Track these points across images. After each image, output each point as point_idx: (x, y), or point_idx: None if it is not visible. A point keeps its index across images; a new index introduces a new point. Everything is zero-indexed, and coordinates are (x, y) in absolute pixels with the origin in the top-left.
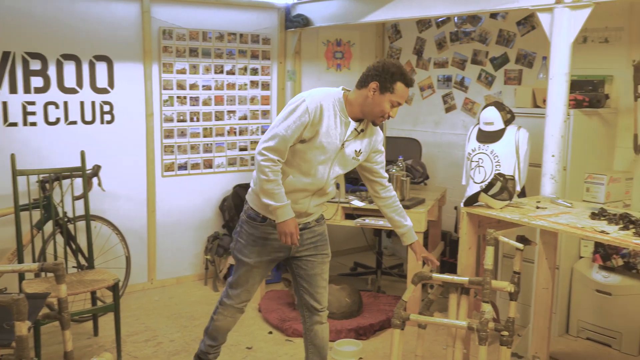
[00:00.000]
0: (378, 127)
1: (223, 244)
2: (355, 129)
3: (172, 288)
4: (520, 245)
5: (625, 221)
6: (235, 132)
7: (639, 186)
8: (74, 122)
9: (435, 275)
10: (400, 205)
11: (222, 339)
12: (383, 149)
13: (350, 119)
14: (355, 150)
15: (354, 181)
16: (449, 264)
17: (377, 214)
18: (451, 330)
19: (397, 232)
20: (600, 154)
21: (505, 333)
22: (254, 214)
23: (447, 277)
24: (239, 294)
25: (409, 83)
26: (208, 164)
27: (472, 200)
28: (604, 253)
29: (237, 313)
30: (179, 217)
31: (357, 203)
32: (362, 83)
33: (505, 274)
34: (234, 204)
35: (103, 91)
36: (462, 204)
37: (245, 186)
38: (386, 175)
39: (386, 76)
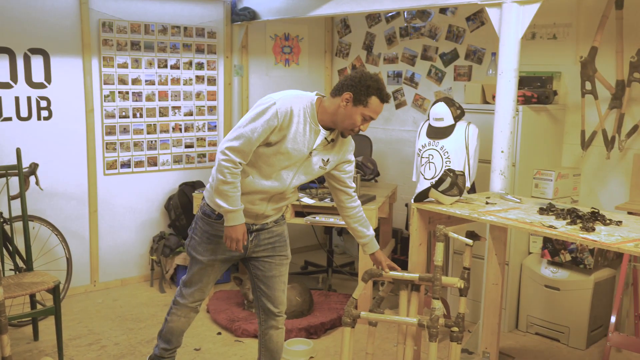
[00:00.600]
0: (350, 138)
1: (169, 244)
2: (325, 138)
3: (116, 290)
4: (469, 241)
5: (573, 216)
6: (180, 129)
7: (586, 182)
8: (9, 119)
9: (386, 272)
10: (364, 215)
11: (176, 341)
12: (353, 158)
13: (320, 127)
14: (323, 160)
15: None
16: (400, 262)
17: (327, 211)
18: (402, 328)
19: (359, 242)
20: (548, 150)
21: (456, 329)
22: (210, 210)
23: (397, 274)
24: (192, 293)
25: (384, 99)
26: (152, 162)
27: (422, 196)
28: (553, 249)
29: (191, 313)
30: (122, 217)
31: (307, 200)
32: (337, 92)
33: (456, 270)
34: (180, 202)
35: (39, 86)
36: (412, 200)
37: (192, 184)
38: (353, 185)
39: (361, 88)
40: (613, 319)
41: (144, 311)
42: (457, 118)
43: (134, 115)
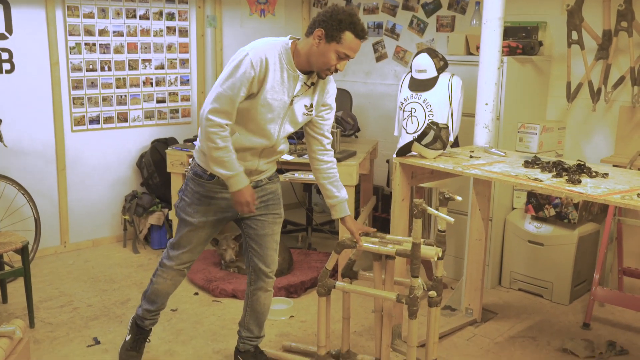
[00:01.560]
0: (331, 78)
1: (142, 203)
2: (305, 83)
3: (87, 251)
4: (450, 220)
5: (558, 169)
6: (151, 83)
7: (572, 136)
8: None
9: (359, 245)
10: (337, 176)
11: (161, 303)
12: (334, 104)
13: (298, 72)
14: (306, 105)
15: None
16: (381, 219)
17: (306, 168)
18: (377, 299)
19: (328, 202)
20: (533, 103)
21: (434, 293)
22: (201, 170)
23: (372, 247)
24: (180, 256)
25: (359, 34)
26: (123, 118)
27: (404, 150)
28: (537, 203)
29: (178, 276)
30: (92, 175)
31: (285, 157)
32: (309, 30)
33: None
34: (152, 160)
35: (0, 37)
36: (394, 155)
37: (165, 141)
38: (330, 137)
39: (333, 23)
40: (597, 274)
41: (118, 272)
42: (440, 70)
43: (102, 69)
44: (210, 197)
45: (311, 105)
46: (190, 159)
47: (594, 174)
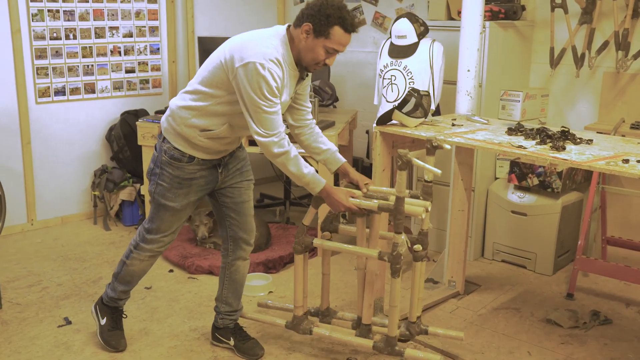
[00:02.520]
0: None
1: (112, 177)
2: (303, 78)
3: (56, 229)
4: (437, 172)
5: (542, 136)
6: (119, 52)
7: (555, 103)
8: None
9: (364, 191)
10: (320, 132)
11: (135, 282)
12: (310, 75)
13: (297, 71)
14: (292, 96)
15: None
16: None
17: None
18: (361, 257)
19: (319, 160)
20: (516, 69)
21: (419, 247)
22: (179, 154)
23: (354, 201)
24: (161, 239)
25: (349, 29)
26: (90, 89)
27: (385, 119)
28: (520, 173)
29: (155, 257)
30: (59, 150)
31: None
32: (297, 23)
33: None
34: (122, 133)
35: None
36: (374, 124)
37: (135, 113)
38: (309, 105)
39: (321, 18)
40: (580, 243)
41: (88, 250)
42: (420, 35)
43: (67, 37)
44: (191, 179)
45: (296, 91)
46: (161, 140)
47: (578, 140)
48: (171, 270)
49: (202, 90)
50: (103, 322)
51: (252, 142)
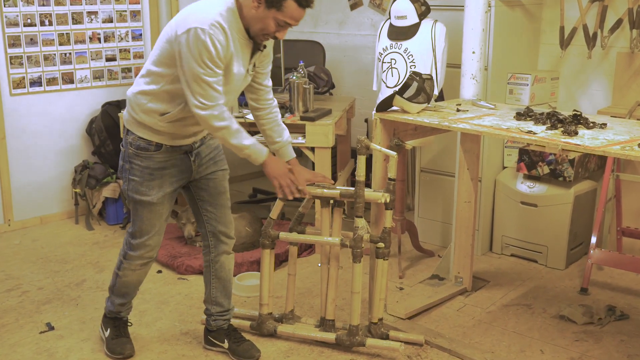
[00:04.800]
0: None
1: (94, 173)
2: (259, 50)
3: (35, 229)
4: (393, 154)
5: (553, 120)
6: (99, 39)
7: (565, 86)
8: None
9: (305, 191)
10: (279, 119)
11: (133, 293)
12: (271, 51)
13: (250, 39)
14: (250, 67)
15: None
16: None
17: None
18: (324, 248)
19: (270, 148)
20: (524, 51)
21: (381, 245)
22: (145, 143)
23: (316, 190)
24: (146, 242)
25: (302, 3)
26: (68, 79)
27: (385, 105)
28: (529, 161)
29: (147, 263)
30: (37, 145)
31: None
32: None
33: (424, 190)
34: (104, 125)
35: None
36: (374, 110)
37: (117, 104)
38: (270, 84)
39: None
40: (594, 235)
41: (70, 251)
42: (422, 15)
43: (42, 23)
44: (162, 168)
45: (254, 65)
46: (125, 134)
47: (591, 124)
48: (160, 271)
49: (153, 71)
50: (107, 334)
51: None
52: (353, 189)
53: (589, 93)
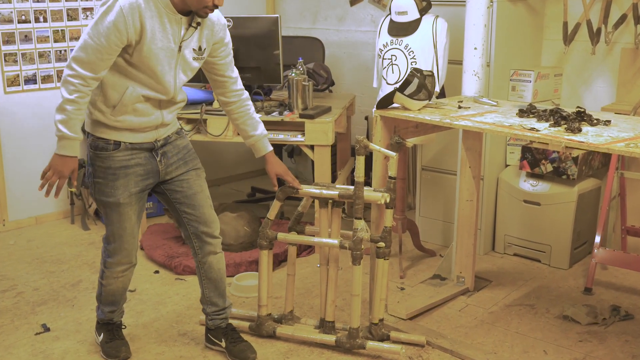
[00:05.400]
0: (218, 12)
1: None
2: (191, 26)
3: (30, 229)
4: (392, 154)
5: (556, 117)
6: None
7: (569, 82)
8: None
9: (303, 189)
10: (252, 111)
11: (122, 299)
12: (228, 38)
13: (179, 15)
14: (194, 49)
15: (246, 89)
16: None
17: (275, 127)
18: (323, 249)
19: (246, 143)
20: (526, 47)
21: (382, 244)
22: (103, 143)
23: (315, 191)
24: (119, 248)
25: None
26: None
27: (386, 102)
28: (532, 159)
29: (127, 269)
30: (31, 143)
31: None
32: None
33: (425, 189)
34: None
35: None
36: (374, 107)
37: None
38: (234, 74)
39: None
40: (598, 234)
41: (66, 251)
42: (422, 11)
43: (37, 20)
44: (125, 167)
45: (200, 48)
46: (86, 136)
47: (595, 121)
48: (157, 272)
49: None
50: (100, 338)
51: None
52: (352, 187)
53: (592, 89)
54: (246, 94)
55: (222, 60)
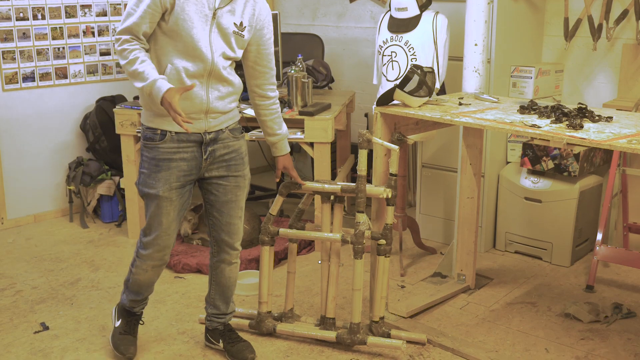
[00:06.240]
0: (265, 1)
1: (89, 170)
2: None
3: (29, 227)
4: (394, 147)
5: (558, 113)
6: (93, 33)
7: (570, 79)
8: None
9: (305, 184)
10: (280, 111)
11: (146, 292)
12: (271, 26)
13: None
14: (235, 24)
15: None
16: None
17: None
18: (325, 244)
19: (268, 140)
20: (527, 43)
21: (383, 242)
22: (150, 133)
23: (317, 186)
24: (154, 241)
25: None
26: (62, 74)
27: (386, 99)
28: (533, 156)
29: (158, 264)
30: (30, 141)
31: (250, 112)
32: None
33: (425, 186)
34: (98, 121)
35: None
36: (374, 104)
37: (112, 99)
38: (273, 68)
39: None
40: (600, 231)
41: (65, 250)
42: (422, 7)
43: (35, 17)
44: (169, 160)
45: (241, 25)
46: (141, 127)
47: (596, 117)
48: None
49: None
50: (117, 323)
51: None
52: (354, 184)
53: (594, 86)
54: (277, 92)
55: (267, 49)
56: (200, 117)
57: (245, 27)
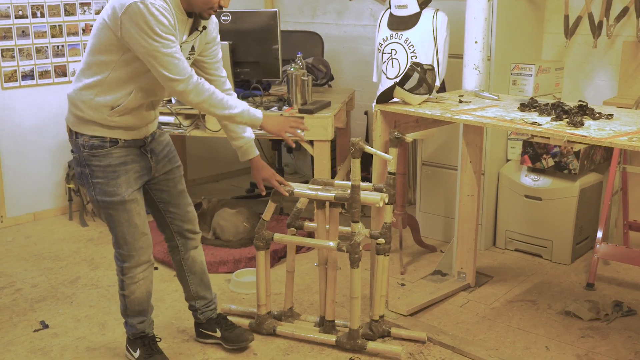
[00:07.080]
0: None
1: None
2: (197, 29)
3: (28, 226)
4: (389, 157)
5: (558, 111)
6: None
7: (570, 76)
8: None
9: (298, 190)
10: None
11: (149, 307)
12: (218, 37)
13: (186, 16)
14: (189, 49)
15: (245, 84)
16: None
17: None
18: (322, 250)
19: (233, 145)
20: (527, 41)
21: (382, 241)
22: (98, 141)
23: (310, 192)
24: (135, 247)
25: None
26: (61, 72)
27: (386, 97)
28: (533, 153)
29: (147, 270)
30: (29, 139)
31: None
32: None
33: (425, 184)
34: None
35: None
36: (374, 102)
37: None
38: (224, 73)
39: None
40: (600, 229)
41: (64, 248)
42: (422, 4)
43: (34, 15)
44: (124, 163)
45: (193, 48)
46: (74, 138)
47: (597, 115)
48: (156, 268)
49: (95, 61)
50: (137, 355)
51: None
52: (349, 192)
53: (594, 83)
54: (235, 94)
55: (213, 59)
56: (144, 126)
57: (196, 48)
